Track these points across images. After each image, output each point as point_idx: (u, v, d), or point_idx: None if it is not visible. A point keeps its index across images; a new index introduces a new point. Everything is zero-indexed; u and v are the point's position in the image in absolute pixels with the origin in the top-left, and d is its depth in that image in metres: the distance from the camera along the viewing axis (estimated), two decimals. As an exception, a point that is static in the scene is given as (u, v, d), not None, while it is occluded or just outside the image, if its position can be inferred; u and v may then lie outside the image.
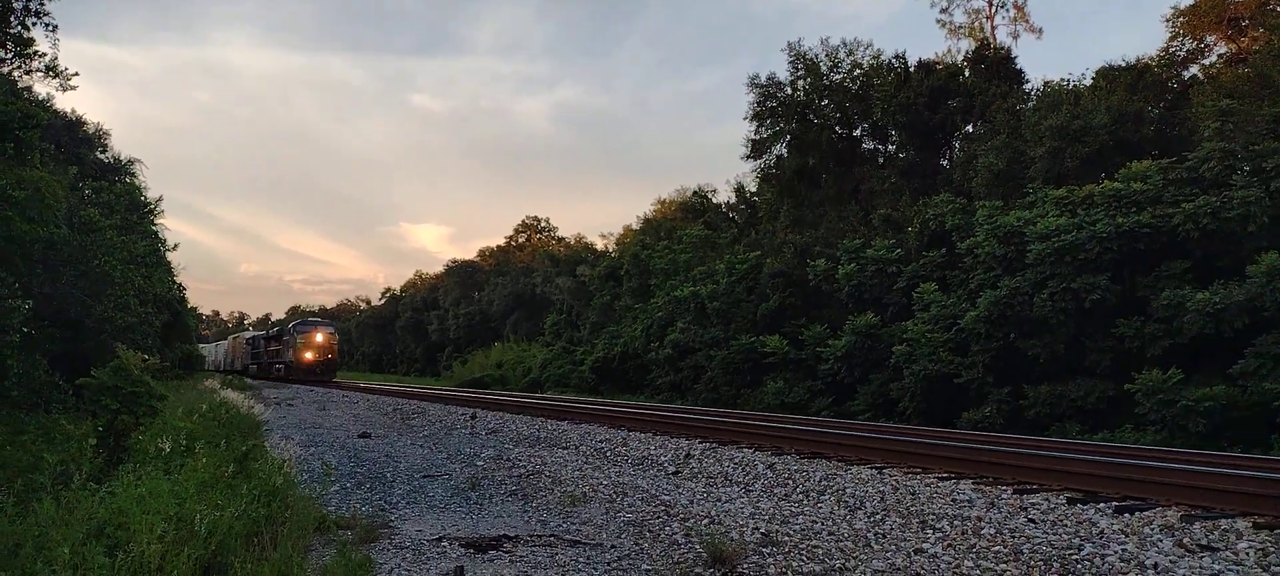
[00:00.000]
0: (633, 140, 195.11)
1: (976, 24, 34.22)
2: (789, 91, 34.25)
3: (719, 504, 7.93)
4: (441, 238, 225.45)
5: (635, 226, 60.10)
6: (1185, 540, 5.89)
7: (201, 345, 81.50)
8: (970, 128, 29.87)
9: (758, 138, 35.17)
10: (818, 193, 33.82)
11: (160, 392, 9.54)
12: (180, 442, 7.96)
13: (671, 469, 10.24)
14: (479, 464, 11.03)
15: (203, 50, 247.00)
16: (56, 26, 17.12)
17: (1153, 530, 6.12)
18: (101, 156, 30.95)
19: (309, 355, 45.61)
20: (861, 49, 33.97)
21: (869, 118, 32.62)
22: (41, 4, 16.59)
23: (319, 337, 46.63)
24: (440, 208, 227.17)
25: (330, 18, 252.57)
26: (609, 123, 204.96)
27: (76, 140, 28.60)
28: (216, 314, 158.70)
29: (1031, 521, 6.61)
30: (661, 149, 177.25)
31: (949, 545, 6.22)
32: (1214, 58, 26.16)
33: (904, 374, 21.15)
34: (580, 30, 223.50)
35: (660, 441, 11.97)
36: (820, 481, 8.53)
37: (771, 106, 34.31)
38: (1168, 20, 27.01)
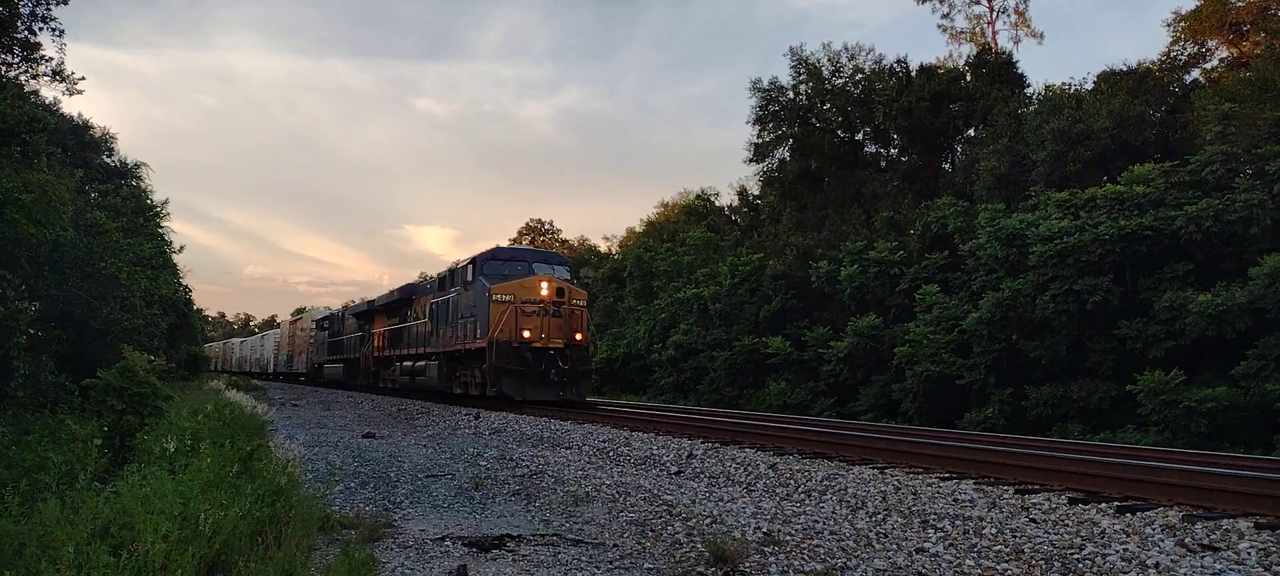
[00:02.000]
0: (635, 143, 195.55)
1: (977, 29, 34.32)
2: (791, 95, 34.32)
3: (721, 503, 7.96)
4: (446, 240, 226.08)
5: (638, 229, 60.20)
6: (1186, 540, 5.90)
7: (231, 341, 73.85)
8: (972, 131, 29.92)
9: (760, 141, 35.23)
10: (820, 196, 33.85)
11: (166, 393, 9.60)
12: (185, 443, 8.00)
13: (674, 469, 10.27)
14: (482, 463, 11.06)
15: (208, 55, 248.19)
16: (63, 31, 17.18)
17: (1154, 530, 6.13)
18: (108, 160, 31.08)
19: (530, 333, 18.58)
20: (863, 53, 34.06)
21: (871, 122, 32.67)
22: (48, 8, 16.67)
23: (545, 288, 19.07)
24: (444, 210, 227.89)
25: (335, 23, 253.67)
26: (612, 126, 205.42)
27: (83, 144, 28.74)
28: (222, 315, 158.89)
29: (1033, 521, 6.63)
30: (664, 152, 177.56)
31: (950, 544, 6.23)
32: (1215, 62, 26.22)
33: (906, 375, 21.17)
34: (583, 34, 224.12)
35: (663, 441, 11.99)
36: (822, 481, 8.55)
37: (774, 110, 34.37)
38: (1169, 25, 27.10)
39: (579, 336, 19.38)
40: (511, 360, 18.27)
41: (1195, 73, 26.16)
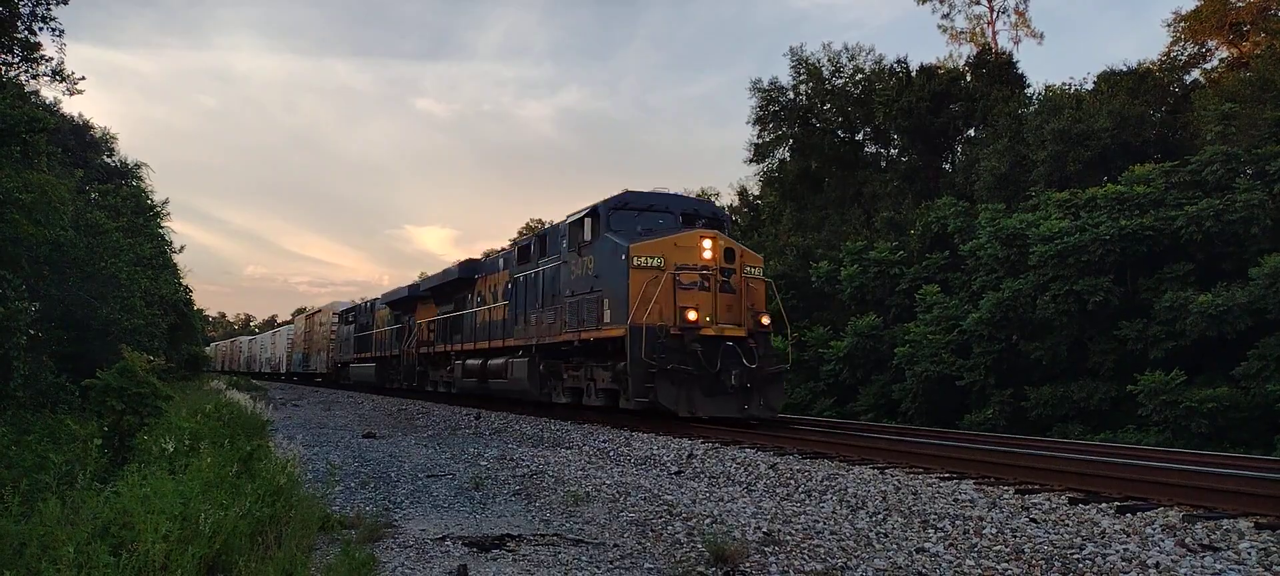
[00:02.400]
0: (635, 143, 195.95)
1: (978, 29, 34.31)
2: (791, 95, 34.34)
3: (721, 503, 7.96)
4: (445, 240, 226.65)
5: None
6: (1187, 540, 5.89)
7: (238, 339, 69.32)
8: (972, 131, 29.94)
9: (760, 141, 35.25)
10: (820, 196, 33.86)
11: (166, 393, 9.61)
12: (185, 443, 8.00)
13: (674, 469, 10.26)
14: (483, 463, 11.06)
15: (209, 55, 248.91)
16: (63, 31, 17.23)
17: (1154, 530, 6.13)
18: (108, 160, 31.12)
19: (695, 314, 12.68)
20: (863, 54, 34.06)
21: (871, 122, 32.68)
22: (48, 9, 16.69)
23: (708, 248, 13.26)
24: (444, 210, 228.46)
25: (335, 23, 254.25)
26: (611, 126, 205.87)
27: (83, 144, 28.76)
28: (222, 315, 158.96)
29: (1033, 521, 6.62)
30: (664, 152, 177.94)
31: (951, 544, 6.23)
32: (1215, 62, 26.24)
33: (906, 375, 21.16)
34: (583, 34, 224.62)
35: (663, 441, 11.98)
36: (822, 481, 8.55)
37: (774, 110, 34.39)
38: (1169, 25, 27.13)
39: (764, 320, 13.48)
40: (670, 355, 12.48)
41: (1195, 73, 26.21)
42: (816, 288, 27.24)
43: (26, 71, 17.22)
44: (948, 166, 30.88)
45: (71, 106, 43.80)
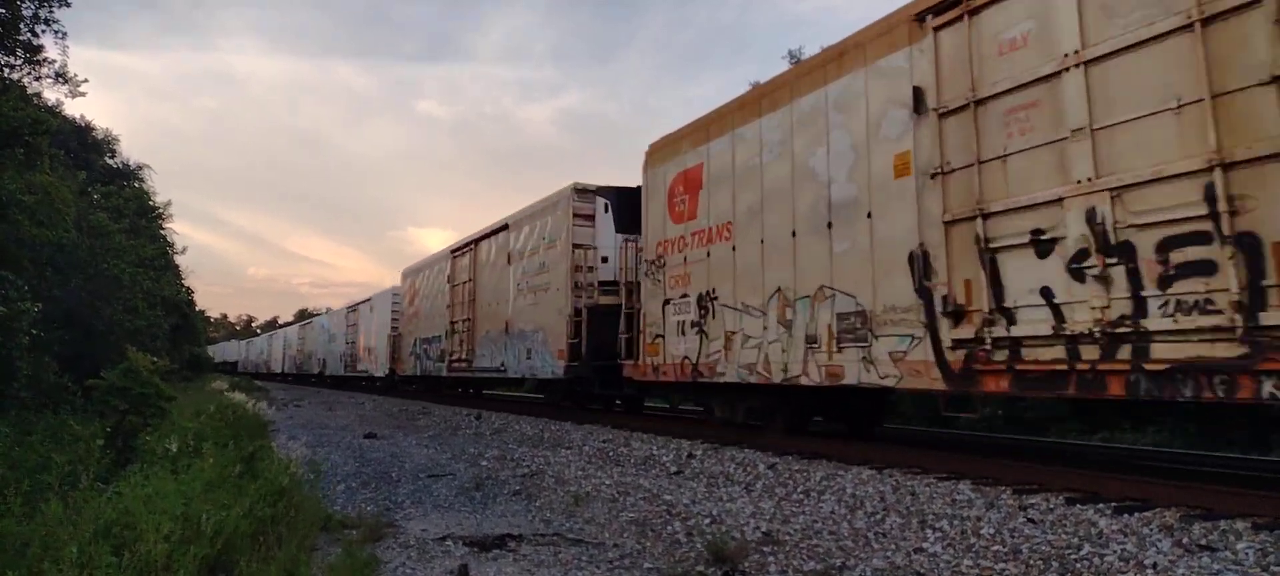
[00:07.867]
0: (635, 144, 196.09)
1: (980, 27, 34.27)
2: (792, 94, 34.33)
3: (721, 503, 7.99)
4: (447, 241, 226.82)
5: (639, 229, 59.73)
6: (1184, 540, 5.91)
7: (284, 329, 56.27)
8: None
9: (761, 141, 35.18)
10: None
11: (168, 394, 9.66)
12: (188, 443, 8.04)
13: (673, 469, 10.29)
14: (483, 464, 11.10)
15: (211, 57, 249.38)
16: (66, 33, 17.26)
17: (1152, 530, 6.15)
18: (110, 161, 31.20)
19: None
20: (865, 52, 34.02)
21: (872, 120, 32.64)
22: (51, 11, 16.71)
23: None
24: (445, 211, 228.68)
25: (337, 25, 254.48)
26: (612, 127, 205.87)
27: (86, 145, 28.83)
28: (225, 316, 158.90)
29: (1031, 521, 6.65)
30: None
31: (949, 544, 6.26)
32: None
33: (907, 376, 21.13)
34: (584, 37, 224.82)
35: (662, 442, 12.01)
36: (821, 481, 8.57)
37: (775, 109, 34.38)
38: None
39: None
40: None
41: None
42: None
43: (29, 74, 17.27)
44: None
45: (74, 108, 43.94)
